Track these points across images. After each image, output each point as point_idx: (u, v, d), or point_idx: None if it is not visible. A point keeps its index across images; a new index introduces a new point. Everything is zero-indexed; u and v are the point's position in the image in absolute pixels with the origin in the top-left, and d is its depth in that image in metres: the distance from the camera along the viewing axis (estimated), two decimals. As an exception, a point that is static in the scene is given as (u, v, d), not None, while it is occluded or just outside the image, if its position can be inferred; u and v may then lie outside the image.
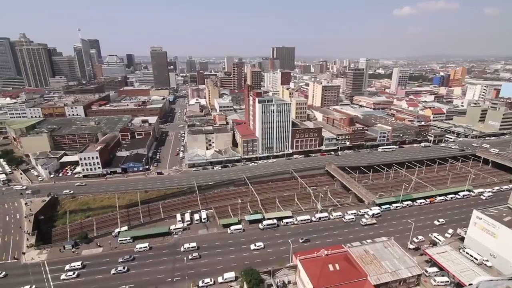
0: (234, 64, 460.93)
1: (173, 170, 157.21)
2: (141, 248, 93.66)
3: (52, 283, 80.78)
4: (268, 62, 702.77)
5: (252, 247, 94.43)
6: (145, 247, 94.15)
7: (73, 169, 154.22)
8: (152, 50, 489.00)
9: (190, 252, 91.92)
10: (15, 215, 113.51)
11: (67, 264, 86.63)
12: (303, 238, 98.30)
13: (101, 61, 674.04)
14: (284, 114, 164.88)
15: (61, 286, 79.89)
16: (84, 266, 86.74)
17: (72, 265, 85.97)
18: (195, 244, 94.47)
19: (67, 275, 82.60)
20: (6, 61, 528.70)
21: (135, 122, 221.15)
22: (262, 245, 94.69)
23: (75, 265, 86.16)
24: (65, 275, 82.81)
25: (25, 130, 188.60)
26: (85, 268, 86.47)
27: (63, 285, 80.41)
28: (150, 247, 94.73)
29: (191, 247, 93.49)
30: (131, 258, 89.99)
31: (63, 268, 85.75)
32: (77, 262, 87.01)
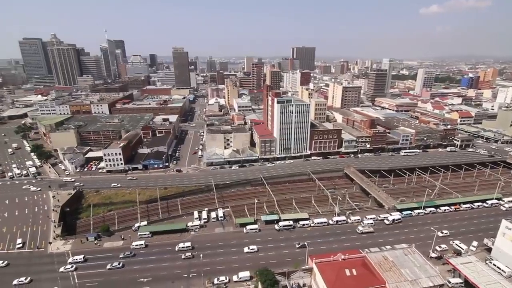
0: (253, 64, 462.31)
1: (192, 168, 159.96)
2: (137, 246, 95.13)
3: (75, 273, 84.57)
4: (288, 62, 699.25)
5: (245, 249, 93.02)
6: (141, 245, 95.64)
7: (97, 164, 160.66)
8: (174, 50, 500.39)
9: (184, 251, 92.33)
10: (43, 207, 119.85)
11: (90, 255, 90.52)
12: (300, 243, 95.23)
13: (126, 61, 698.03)
14: (303, 115, 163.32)
15: (82, 276, 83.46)
16: (86, 259, 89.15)
17: (74, 258, 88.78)
18: (190, 244, 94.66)
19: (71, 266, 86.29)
20: (39, 61, 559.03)
21: (156, 121, 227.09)
22: (256, 248, 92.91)
23: (77, 258, 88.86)
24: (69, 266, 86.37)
25: (54, 126, 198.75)
26: (107, 260, 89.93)
27: (84, 275, 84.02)
28: (146, 245, 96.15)
29: (185, 247, 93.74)
30: (131, 254, 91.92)
31: (86, 258, 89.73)
32: (80, 256, 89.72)
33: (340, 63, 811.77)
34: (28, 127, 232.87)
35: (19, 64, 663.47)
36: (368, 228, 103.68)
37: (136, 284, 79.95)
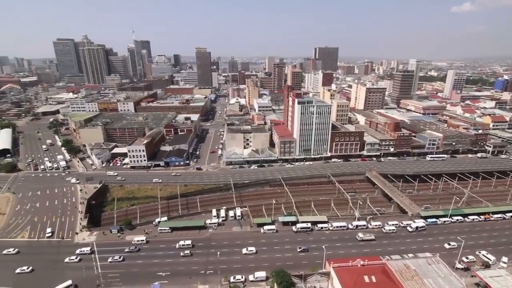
0: (275, 65, 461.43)
1: (211, 167, 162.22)
2: (138, 241, 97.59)
3: (99, 263, 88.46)
4: (310, 62, 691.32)
5: (243, 251, 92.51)
6: (142, 240, 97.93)
7: (122, 160, 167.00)
8: (197, 50, 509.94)
9: (183, 249, 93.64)
10: (72, 199, 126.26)
11: (113, 247, 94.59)
12: (301, 247, 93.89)
13: (151, 60, 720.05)
14: (324, 116, 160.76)
15: (106, 267, 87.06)
16: (93, 252, 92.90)
17: (81, 250, 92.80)
18: (190, 242, 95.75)
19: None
20: (71, 60, 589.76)
21: (178, 119, 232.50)
22: (254, 250, 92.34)
23: (84, 250, 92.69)
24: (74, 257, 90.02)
25: (83, 122, 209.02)
26: (128, 252, 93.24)
27: (107, 265, 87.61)
28: (147, 241, 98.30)
29: (185, 245, 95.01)
30: (136, 249, 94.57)
31: (109, 250, 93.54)
32: (87, 247, 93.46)
33: (364, 63, 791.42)
34: (60, 123, 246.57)
35: (53, 63, 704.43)
36: (369, 235, 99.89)
37: (155, 277, 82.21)
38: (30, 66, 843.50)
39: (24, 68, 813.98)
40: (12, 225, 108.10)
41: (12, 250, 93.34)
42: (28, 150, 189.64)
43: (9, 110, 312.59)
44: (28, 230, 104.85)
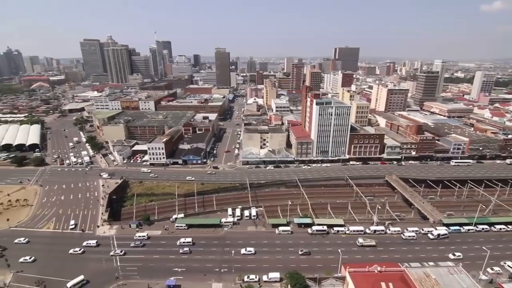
0: (293, 65, 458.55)
1: (228, 166, 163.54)
2: (140, 237, 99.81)
3: (118, 256, 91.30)
4: (329, 63, 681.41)
5: (242, 251, 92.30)
6: (144, 236, 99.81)
7: (142, 157, 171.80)
8: (217, 51, 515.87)
9: (183, 246, 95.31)
10: (94, 193, 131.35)
11: (131, 241, 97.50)
12: (303, 250, 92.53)
13: (172, 61, 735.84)
14: (343, 118, 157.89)
15: (125, 260, 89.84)
16: (98, 245, 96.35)
17: (87, 242, 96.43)
18: (190, 240, 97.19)
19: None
20: (96, 60, 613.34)
21: (197, 118, 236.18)
22: (253, 251, 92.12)
23: (90, 242, 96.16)
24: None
25: (106, 120, 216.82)
26: (145, 246, 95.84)
27: (125, 259, 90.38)
28: (148, 237, 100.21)
29: (186, 242, 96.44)
30: (141, 244, 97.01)
31: (128, 244, 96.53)
32: (93, 241, 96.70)
33: (386, 64, 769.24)
34: (85, 120, 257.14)
35: (79, 63, 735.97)
36: (370, 241, 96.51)
37: (172, 273, 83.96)
38: (58, 65, 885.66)
39: (53, 67, 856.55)
40: (39, 216, 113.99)
41: (23, 240, 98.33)
42: (55, 145, 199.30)
43: (38, 107, 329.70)
44: (53, 222, 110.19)
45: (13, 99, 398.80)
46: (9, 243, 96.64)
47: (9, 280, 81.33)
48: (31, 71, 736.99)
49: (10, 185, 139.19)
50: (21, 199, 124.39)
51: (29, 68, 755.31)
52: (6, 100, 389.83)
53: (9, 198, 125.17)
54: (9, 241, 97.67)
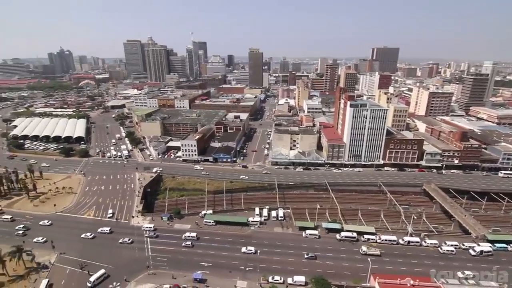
0: (327, 65, 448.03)
1: (257, 165, 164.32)
2: (148, 227, 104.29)
3: (150, 246, 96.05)
4: (366, 64, 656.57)
5: (243, 249, 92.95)
6: (150, 228, 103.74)
7: (175, 153, 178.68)
8: (250, 51, 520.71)
9: (187, 240, 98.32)
10: (130, 185, 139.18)
11: (162, 233, 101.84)
12: (309, 254, 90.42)
13: (206, 61, 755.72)
14: (378, 121, 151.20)
15: (156, 251, 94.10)
16: (112, 231, 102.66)
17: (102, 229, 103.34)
18: (195, 235, 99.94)
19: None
20: (137, 59, 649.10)
21: (228, 117, 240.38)
22: (253, 250, 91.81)
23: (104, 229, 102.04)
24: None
25: (144, 116, 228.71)
26: (175, 240, 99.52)
27: (156, 249, 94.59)
28: (155, 228, 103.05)
29: (190, 236, 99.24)
30: (155, 235, 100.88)
31: (159, 234, 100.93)
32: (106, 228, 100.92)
33: (428, 65, 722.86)
34: (125, 116, 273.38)
35: (122, 62, 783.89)
36: (374, 250, 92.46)
37: (199, 266, 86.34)
38: (103, 64, 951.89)
39: (99, 66, 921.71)
40: (81, 204, 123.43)
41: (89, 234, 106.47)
42: (98, 139, 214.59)
43: (85, 102, 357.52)
44: (93, 210, 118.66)
45: (63, 95, 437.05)
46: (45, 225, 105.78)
47: (54, 260, 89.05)
48: (80, 69, 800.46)
49: (58, 173, 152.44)
50: (67, 187, 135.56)
51: (78, 67, 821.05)
52: (58, 96, 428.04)
53: (56, 185, 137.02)
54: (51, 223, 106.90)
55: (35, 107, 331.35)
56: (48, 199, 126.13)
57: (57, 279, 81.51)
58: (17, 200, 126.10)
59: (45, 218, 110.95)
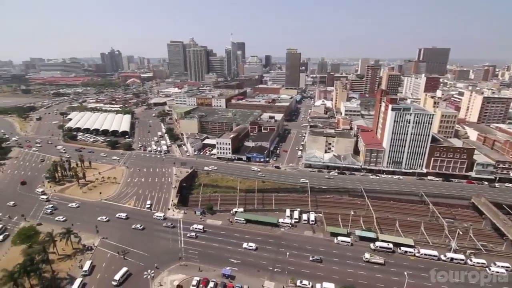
0: (368, 66, 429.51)
1: (290, 167, 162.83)
2: (158, 217, 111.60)
3: (182, 238, 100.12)
4: (411, 65, 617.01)
5: (244, 245, 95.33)
6: (160, 217, 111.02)
7: (210, 150, 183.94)
8: (288, 51, 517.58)
9: (193, 231, 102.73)
10: (168, 179, 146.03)
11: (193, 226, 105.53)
12: (314, 257, 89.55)
13: (244, 61, 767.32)
14: (423, 126, 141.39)
15: (188, 243, 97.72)
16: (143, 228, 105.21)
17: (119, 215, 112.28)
18: (201, 227, 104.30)
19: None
20: (179, 60, 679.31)
21: (263, 117, 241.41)
22: (254, 246, 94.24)
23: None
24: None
25: (183, 114, 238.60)
26: (205, 233, 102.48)
27: (189, 242, 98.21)
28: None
29: (197, 228, 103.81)
30: (171, 225, 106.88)
31: (190, 228, 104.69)
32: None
33: (483, 67, 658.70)
34: (166, 113, 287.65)
35: (165, 62, 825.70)
36: (378, 258, 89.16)
37: (228, 262, 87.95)
38: (148, 64, 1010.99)
39: (144, 66, 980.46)
40: (123, 193, 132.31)
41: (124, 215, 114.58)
42: (140, 133, 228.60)
43: (130, 99, 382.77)
44: (134, 200, 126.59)
45: (112, 92, 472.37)
46: (94, 212, 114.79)
47: (97, 244, 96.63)
48: (127, 68, 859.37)
49: (104, 164, 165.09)
50: (112, 177, 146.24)
51: (126, 66, 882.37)
52: (107, 92, 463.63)
53: (102, 175, 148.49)
54: (95, 210, 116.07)
55: (87, 102, 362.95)
56: (95, 187, 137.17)
57: (99, 262, 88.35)
58: (69, 186, 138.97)
59: (91, 205, 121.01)
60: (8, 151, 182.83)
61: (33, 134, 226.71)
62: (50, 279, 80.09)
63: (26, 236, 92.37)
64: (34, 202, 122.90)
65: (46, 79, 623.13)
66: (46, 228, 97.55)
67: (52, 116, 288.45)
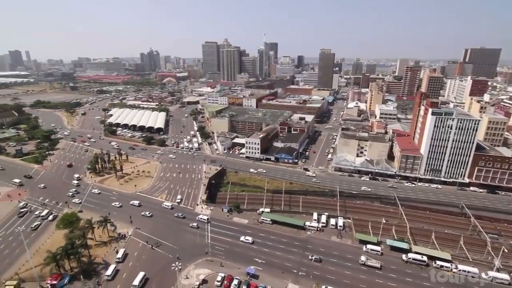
0: (407, 68, 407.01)
1: (319, 170, 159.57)
2: (166, 206, 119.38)
3: (209, 234, 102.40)
4: (456, 66, 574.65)
5: (241, 238, 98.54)
6: (168, 207, 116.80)
7: (239, 149, 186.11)
8: (321, 52, 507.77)
9: (199, 221, 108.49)
10: (198, 176, 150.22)
11: (221, 224, 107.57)
12: (313, 256, 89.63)
13: (276, 61, 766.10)
14: (467, 133, 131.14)
15: (215, 239, 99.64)
16: (152, 216, 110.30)
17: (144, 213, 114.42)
18: (206, 218, 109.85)
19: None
20: (213, 59, 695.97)
21: (293, 118, 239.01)
22: (250, 240, 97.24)
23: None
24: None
25: (215, 113, 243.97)
26: (233, 232, 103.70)
27: (215, 238, 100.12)
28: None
29: (202, 219, 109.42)
30: (182, 216, 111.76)
31: (218, 225, 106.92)
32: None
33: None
34: (198, 112, 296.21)
35: (199, 62, 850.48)
36: (375, 262, 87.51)
37: (252, 261, 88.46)
38: (184, 64, 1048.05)
39: (180, 65, 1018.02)
40: (156, 187, 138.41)
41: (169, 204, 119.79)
42: (174, 130, 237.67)
43: (166, 98, 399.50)
44: (165, 193, 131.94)
45: (149, 90, 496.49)
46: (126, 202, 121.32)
47: (130, 233, 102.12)
48: (164, 68, 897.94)
49: (140, 158, 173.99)
50: (146, 171, 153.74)
51: (163, 66, 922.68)
52: (145, 91, 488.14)
53: (138, 169, 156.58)
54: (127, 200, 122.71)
55: (127, 99, 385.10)
56: (131, 180, 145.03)
57: (131, 250, 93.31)
58: (107, 177, 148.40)
59: (127, 196, 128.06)
60: (56, 142, 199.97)
61: (78, 128, 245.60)
62: (87, 263, 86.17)
63: (68, 221, 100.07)
64: (76, 190, 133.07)
65: (91, 77, 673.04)
66: (85, 215, 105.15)
67: (95, 111, 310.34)
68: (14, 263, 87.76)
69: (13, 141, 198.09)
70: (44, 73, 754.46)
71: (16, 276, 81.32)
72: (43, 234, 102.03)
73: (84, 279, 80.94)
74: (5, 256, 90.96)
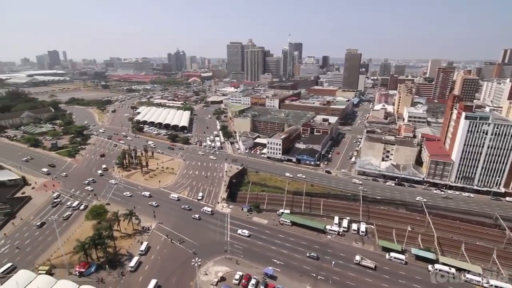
0: (440, 69, 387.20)
1: (341, 173, 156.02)
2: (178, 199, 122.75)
3: (229, 232, 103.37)
4: (493, 68, 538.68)
5: (238, 231, 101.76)
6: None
7: (261, 150, 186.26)
8: (347, 52, 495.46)
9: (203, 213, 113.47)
10: (219, 174, 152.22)
11: (241, 223, 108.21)
12: (311, 253, 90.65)
13: (301, 62, 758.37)
14: (504, 139, 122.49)
15: (234, 238, 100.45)
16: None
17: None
18: (210, 210, 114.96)
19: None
20: (237, 60, 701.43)
21: (316, 119, 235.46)
22: (247, 233, 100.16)
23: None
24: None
25: (237, 112, 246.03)
26: (253, 231, 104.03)
27: (234, 237, 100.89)
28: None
29: (207, 210, 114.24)
30: (198, 218, 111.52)
31: (237, 223, 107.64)
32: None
33: None
34: (221, 111, 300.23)
35: (224, 62, 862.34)
36: (370, 262, 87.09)
37: (270, 262, 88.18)
38: (209, 64, 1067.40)
39: (205, 65, 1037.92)
40: (179, 183, 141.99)
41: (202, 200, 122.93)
42: (198, 129, 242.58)
43: (191, 97, 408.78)
44: (188, 190, 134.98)
45: (175, 89, 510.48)
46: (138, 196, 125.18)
47: (153, 227, 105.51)
48: (190, 68, 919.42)
49: (164, 155, 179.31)
50: (170, 167, 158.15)
51: (188, 66, 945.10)
52: (171, 90, 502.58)
53: (162, 165, 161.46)
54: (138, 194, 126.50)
55: (154, 98, 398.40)
56: (155, 176, 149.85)
57: (154, 244, 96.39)
58: (134, 173, 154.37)
59: (151, 191, 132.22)
60: (88, 138, 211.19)
61: (108, 125, 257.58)
62: (112, 254, 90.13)
63: (97, 213, 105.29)
64: (105, 184, 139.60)
65: (121, 76, 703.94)
66: (112, 208, 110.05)
67: (124, 109, 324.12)
68: (47, 250, 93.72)
69: (50, 136, 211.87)
70: (79, 72, 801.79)
71: (48, 262, 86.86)
72: (73, 224, 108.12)
73: (109, 269, 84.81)
74: (39, 243, 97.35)
